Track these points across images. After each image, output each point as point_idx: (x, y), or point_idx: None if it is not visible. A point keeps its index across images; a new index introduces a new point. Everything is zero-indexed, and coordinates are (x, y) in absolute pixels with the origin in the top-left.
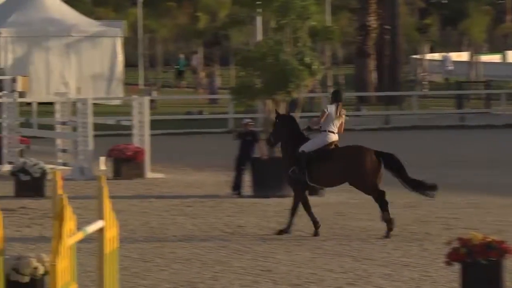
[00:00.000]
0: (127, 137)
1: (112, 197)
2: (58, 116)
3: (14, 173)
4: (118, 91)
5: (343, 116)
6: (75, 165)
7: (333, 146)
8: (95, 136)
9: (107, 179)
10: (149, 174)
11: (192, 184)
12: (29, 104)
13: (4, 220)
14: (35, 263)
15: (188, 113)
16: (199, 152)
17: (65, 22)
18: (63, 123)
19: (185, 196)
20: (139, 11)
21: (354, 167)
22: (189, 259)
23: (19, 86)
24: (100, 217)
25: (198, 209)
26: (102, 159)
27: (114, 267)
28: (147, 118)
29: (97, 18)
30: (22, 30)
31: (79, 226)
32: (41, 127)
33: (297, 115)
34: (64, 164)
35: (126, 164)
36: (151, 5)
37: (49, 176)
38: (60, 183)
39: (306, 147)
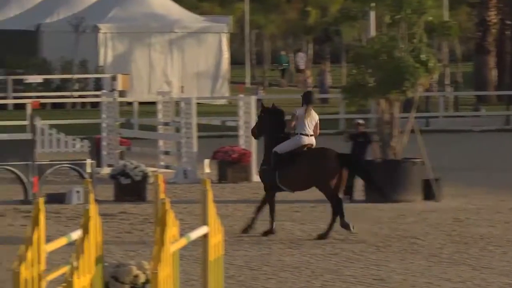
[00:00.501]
0: (232, 138)
1: (216, 201)
2: (160, 117)
3: (114, 176)
4: (224, 90)
5: (316, 118)
6: (178, 167)
7: (305, 149)
8: (199, 137)
9: (212, 182)
10: (256, 178)
11: None
12: (130, 103)
13: (103, 225)
14: (135, 271)
15: None
16: None
17: (168, 18)
18: (166, 124)
19: (293, 201)
20: (246, 6)
21: (317, 170)
22: (298, 267)
23: (119, 85)
24: (204, 222)
25: (307, 215)
26: (207, 161)
27: (219, 275)
28: (253, 118)
29: (202, 13)
30: (123, 26)
31: (182, 232)
32: (143, 128)
33: (412, 115)
34: (167, 167)
35: (231, 167)
36: (259, 0)
37: (150, 180)
38: (162, 186)
39: (279, 148)
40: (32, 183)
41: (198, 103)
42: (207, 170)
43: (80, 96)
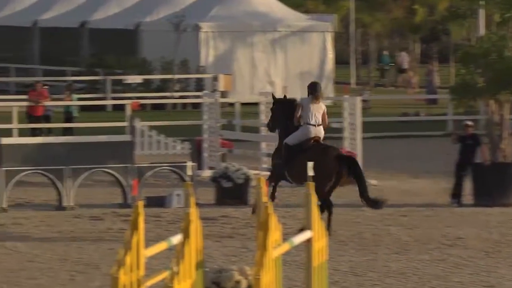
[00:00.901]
0: (337, 140)
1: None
2: (262, 118)
3: (215, 179)
4: (328, 90)
5: (323, 107)
6: None
7: (312, 142)
8: None
9: None
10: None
11: (408, 191)
12: (231, 104)
13: (204, 229)
14: (237, 276)
15: (404, 114)
16: (415, 157)
17: (271, 16)
18: None
19: (400, 205)
20: (351, 4)
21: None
22: (404, 273)
23: (221, 85)
24: (308, 227)
25: (414, 219)
26: (310, 164)
27: (323, 281)
28: (359, 120)
29: (305, 11)
30: (225, 25)
31: (285, 237)
32: (245, 129)
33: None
34: (269, 170)
35: None
36: None
37: (253, 183)
38: (265, 190)
39: (289, 140)
40: (131, 186)
41: None
42: (310, 173)
43: (180, 97)
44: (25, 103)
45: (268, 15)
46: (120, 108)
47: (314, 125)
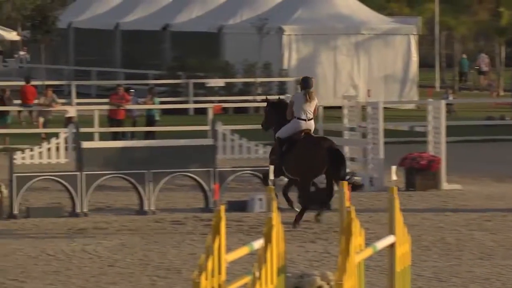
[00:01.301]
0: (421, 144)
1: (404, 210)
2: (346, 122)
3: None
4: (412, 94)
5: (315, 101)
6: (364, 174)
7: (303, 134)
8: (386, 143)
9: (399, 190)
10: (445, 185)
11: (492, 196)
12: None
13: (286, 234)
14: (319, 281)
15: (489, 118)
16: (501, 161)
17: (354, 19)
18: (352, 129)
19: (484, 210)
20: (436, 6)
21: (302, 160)
22: (488, 279)
23: None
24: (391, 232)
25: (499, 224)
26: (394, 168)
27: (406, 286)
28: (443, 123)
29: (389, 14)
30: (308, 28)
31: (368, 242)
32: (328, 133)
33: None
34: (352, 174)
35: (419, 174)
36: (450, 0)
37: (335, 187)
38: (347, 194)
39: (280, 133)
40: (213, 190)
41: (385, 108)
42: (394, 177)
43: (263, 100)
44: (106, 107)
45: (352, 18)
46: (202, 111)
47: (305, 120)
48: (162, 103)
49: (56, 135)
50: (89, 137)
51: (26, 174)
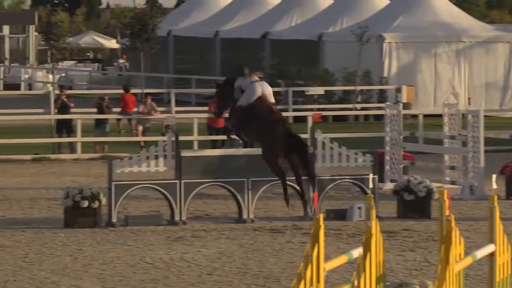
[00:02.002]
0: None
1: (504, 218)
2: (446, 130)
3: (397, 192)
4: None
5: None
6: (464, 183)
7: (265, 102)
8: (487, 151)
9: (499, 199)
10: None
11: None
12: (414, 116)
13: (385, 243)
14: None
15: None
16: None
17: (455, 26)
18: (452, 138)
19: None
20: None
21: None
22: None
23: (404, 97)
24: (491, 240)
25: None
26: (494, 177)
27: None
28: None
29: (490, 21)
30: (408, 35)
31: (468, 251)
32: (427, 141)
33: None
34: (452, 183)
35: None
36: None
37: (435, 196)
38: (447, 203)
39: (241, 101)
40: (312, 198)
41: (486, 116)
42: (494, 186)
43: (362, 109)
44: (205, 115)
45: (453, 26)
46: (301, 119)
47: (258, 81)
48: None
49: (155, 143)
50: (188, 145)
51: (125, 182)
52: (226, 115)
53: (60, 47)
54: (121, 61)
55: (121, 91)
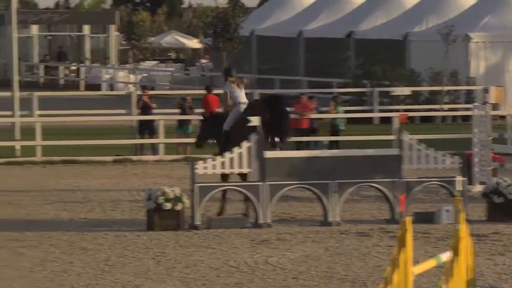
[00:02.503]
0: None
1: None
2: None
3: (486, 195)
4: None
5: (242, 85)
6: None
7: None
8: None
9: None
10: None
11: None
12: (503, 117)
13: (474, 246)
14: None
15: None
16: None
17: None
18: None
19: None
20: None
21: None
22: None
23: (492, 98)
24: None
25: None
26: None
27: None
28: None
29: None
30: (496, 35)
31: None
32: None
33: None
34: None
35: None
36: None
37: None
38: None
39: (225, 126)
40: (399, 201)
41: None
42: None
43: (450, 109)
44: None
45: None
46: (387, 120)
47: (244, 103)
48: (346, 112)
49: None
50: None
51: (208, 184)
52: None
53: (141, 47)
54: (203, 61)
55: (204, 91)
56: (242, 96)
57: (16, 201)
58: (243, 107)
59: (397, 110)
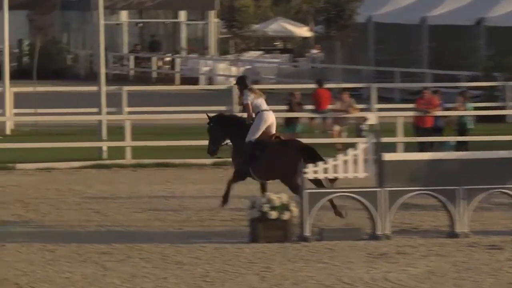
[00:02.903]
0: None
1: None
2: None
3: None
4: None
5: (263, 95)
6: None
7: (274, 138)
8: None
9: None
10: None
11: None
12: None
13: None
14: None
15: None
16: None
17: None
18: None
19: None
20: None
21: (280, 164)
22: None
23: None
24: None
25: None
26: None
27: None
28: None
29: None
30: None
31: None
32: None
33: None
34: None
35: None
36: None
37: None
38: None
39: (250, 136)
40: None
41: None
42: None
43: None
44: (411, 113)
45: None
46: None
47: (268, 110)
48: (475, 108)
49: (353, 145)
50: (392, 148)
51: (318, 190)
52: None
53: (244, 35)
54: (314, 51)
55: (314, 85)
56: (263, 104)
57: (103, 209)
58: (267, 114)
59: None
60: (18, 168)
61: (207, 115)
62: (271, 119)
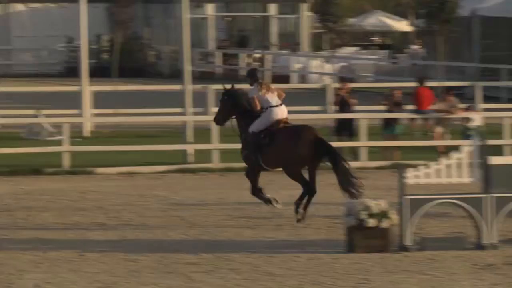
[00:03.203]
0: None
1: None
2: None
3: None
4: None
5: (273, 89)
6: None
7: (281, 125)
8: None
9: None
10: None
11: None
12: None
13: None
14: None
15: None
16: None
17: None
18: None
19: None
20: None
21: (286, 150)
22: None
23: None
24: None
25: None
26: None
27: None
28: None
29: None
30: None
31: None
32: None
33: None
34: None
35: None
36: None
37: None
38: None
39: (254, 127)
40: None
41: None
42: None
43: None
44: None
45: None
46: None
47: (277, 106)
48: None
49: (457, 148)
50: (499, 151)
51: (420, 196)
52: None
53: (339, 30)
54: (414, 47)
55: (415, 84)
56: (274, 99)
57: (189, 217)
58: (275, 110)
59: None
60: (98, 172)
61: (223, 87)
62: (280, 115)
